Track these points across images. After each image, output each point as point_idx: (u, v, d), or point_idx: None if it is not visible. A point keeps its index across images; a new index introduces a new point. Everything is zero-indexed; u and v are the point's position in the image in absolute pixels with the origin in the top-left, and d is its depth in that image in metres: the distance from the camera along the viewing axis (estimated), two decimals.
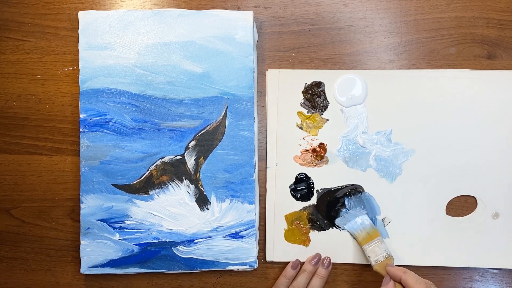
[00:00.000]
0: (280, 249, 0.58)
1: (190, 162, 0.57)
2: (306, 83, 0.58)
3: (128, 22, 0.57)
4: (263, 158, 0.59)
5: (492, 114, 0.57)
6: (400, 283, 0.51)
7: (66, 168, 0.59)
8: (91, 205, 0.57)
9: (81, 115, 0.57)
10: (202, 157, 0.57)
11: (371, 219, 0.58)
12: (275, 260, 0.58)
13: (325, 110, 0.58)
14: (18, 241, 0.60)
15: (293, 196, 0.58)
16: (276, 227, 0.58)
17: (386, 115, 0.58)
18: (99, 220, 0.57)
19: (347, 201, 0.58)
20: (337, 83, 0.58)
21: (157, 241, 0.57)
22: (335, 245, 0.58)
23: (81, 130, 0.57)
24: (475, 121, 0.57)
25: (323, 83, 0.58)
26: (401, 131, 0.58)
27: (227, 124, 0.57)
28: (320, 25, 0.59)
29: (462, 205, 0.58)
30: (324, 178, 0.58)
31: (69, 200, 0.59)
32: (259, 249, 0.58)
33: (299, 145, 0.58)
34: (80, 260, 0.57)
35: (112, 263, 0.57)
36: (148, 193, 0.57)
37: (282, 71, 0.59)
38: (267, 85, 0.59)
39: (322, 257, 0.57)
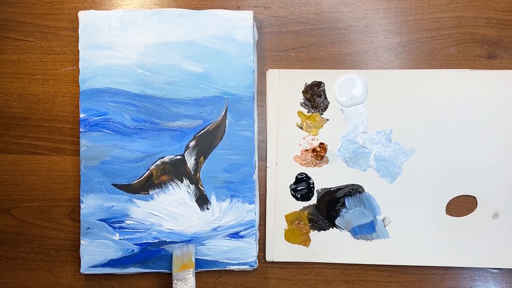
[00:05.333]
0: (280, 249, 0.58)
1: (190, 162, 0.57)
2: (306, 83, 0.58)
3: (128, 22, 0.57)
4: (263, 158, 0.59)
5: (492, 114, 0.57)
6: None
7: (66, 168, 0.59)
8: (91, 205, 0.57)
9: (81, 115, 0.57)
10: (202, 157, 0.57)
11: (372, 221, 0.58)
12: (275, 260, 0.58)
13: (325, 110, 0.58)
14: (18, 241, 0.60)
15: (293, 196, 0.58)
16: (276, 227, 0.58)
17: (386, 115, 0.58)
18: (99, 220, 0.57)
19: (347, 201, 0.58)
20: (337, 83, 0.58)
21: (157, 241, 0.57)
22: (335, 245, 0.58)
23: (81, 130, 0.57)
24: (475, 121, 0.57)
25: (323, 83, 0.58)
26: (401, 131, 0.58)
27: (227, 124, 0.57)
28: (320, 25, 0.59)
29: (462, 205, 0.58)
30: (324, 178, 0.58)
31: (69, 200, 0.59)
32: (259, 249, 0.58)
33: (299, 145, 0.58)
34: (80, 260, 0.57)
35: (112, 263, 0.57)
36: (148, 193, 0.57)
37: (282, 71, 0.59)
38: (267, 85, 0.59)
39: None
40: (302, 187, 0.58)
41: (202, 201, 0.57)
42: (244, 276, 0.59)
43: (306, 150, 0.58)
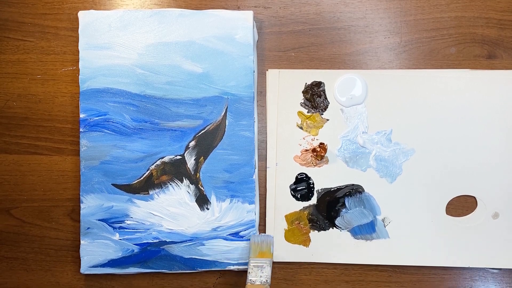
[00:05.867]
0: (280, 249, 0.58)
1: (190, 162, 0.57)
2: (306, 83, 0.58)
3: (128, 22, 0.57)
4: (263, 158, 0.59)
5: (492, 114, 0.57)
6: None
7: (66, 168, 0.59)
8: (91, 205, 0.57)
9: (81, 115, 0.57)
10: (202, 157, 0.57)
11: (372, 221, 0.58)
12: (275, 260, 0.58)
13: (325, 110, 0.58)
14: (18, 241, 0.60)
15: (293, 196, 0.58)
16: (276, 227, 0.58)
17: (386, 115, 0.58)
18: (99, 220, 0.57)
19: (347, 201, 0.58)
20: (337, 83, 0.58)
21: (157, 241, 0.57)
22: (335, 245, 0.58)
23: (81, 130, 0.57)
24: (475, 121, 0.57)
25: (323, 83, 0.58)
26: (401, 131, 0.58)
27: (227, 124, 0.57)
28: (320, 25, 0.59)
29: (462, 205, 0.58)
30: (324, 178, 0.58)
31: (69, 200, 0.59)
32: None
33: (299, 145, 0.58)
34: (80, 260, 0.57)
35: (112, 263, 0.57)
36: (148, 193, 0.57)
37: (282, 71, 0.59)
38: (267, 85, 0.59)
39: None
40: (302, 187, 0.58)
41: (202, 201, 0.57)
42: (244, 276, 0.59)
43: (306, 150, 0.58)
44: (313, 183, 0.58)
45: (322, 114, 0.58)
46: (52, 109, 0.59)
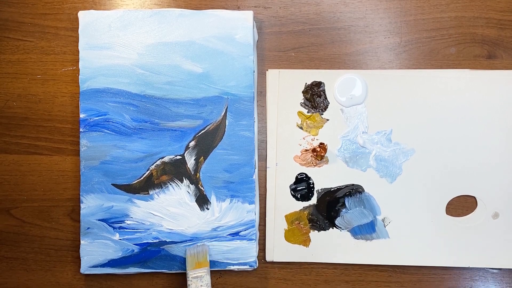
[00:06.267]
0: (280, 249, 0.58)
1: (190, 162, 0.57)
2: (306, 83, 0.58)
3: (128, 22, 0.57)
4: (263, 158, 0.59)
5: (492, 114, 0.57)
6: None
7: (66, 168, 0.59)
8: (91, 205, 0.57)
9: (81, 115, 0.57)
10: (202, 157, 0.57)
11: (372, 221, 0.58)
12: (275, 260, 0.58)
13: (325, 110, 0.58)
14: (18, 241, 0.60)
15: (293, 196, 0.58)
16: (276, 227, 0.58)
17: (386, 115, 0.58)
18: (99, 220, 0.57)
19: (347, 201, 0.58)
20: (337, 83, 0.58)
21: (157, 241, 0.57)
22: (335, 245, 0.58)
23: (81, 130, 0.57)
24: (475, 121, 0.57)
25: (323, 83, 0.58)
26: (401, 131, 0.58)
27: (227, 124, 0.57)
28: (320, 25, 0.59)
29: (462, 205, 0.58)
30: (324, 178, 0.58)
31: (69, 200, 0.59)
32: (259, 249, 0.58)
33: (299, 145, 0.58)
34: (80, 260, 0.57)
35: (112, 263, 0.57)
36: (148, 193, 0.57)
37: (282, 71, 0.59)
38: (267, 85, 0.59)
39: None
40: (302, 187, 0.58)
41: (202, 201, 0.57)
42: (244, 276, 0.59)
43: (306, 150, 0.58)
44: (313, 183, 0.58)
45: (322, 114, 0.58)
46: (52, 109, 0.59)
